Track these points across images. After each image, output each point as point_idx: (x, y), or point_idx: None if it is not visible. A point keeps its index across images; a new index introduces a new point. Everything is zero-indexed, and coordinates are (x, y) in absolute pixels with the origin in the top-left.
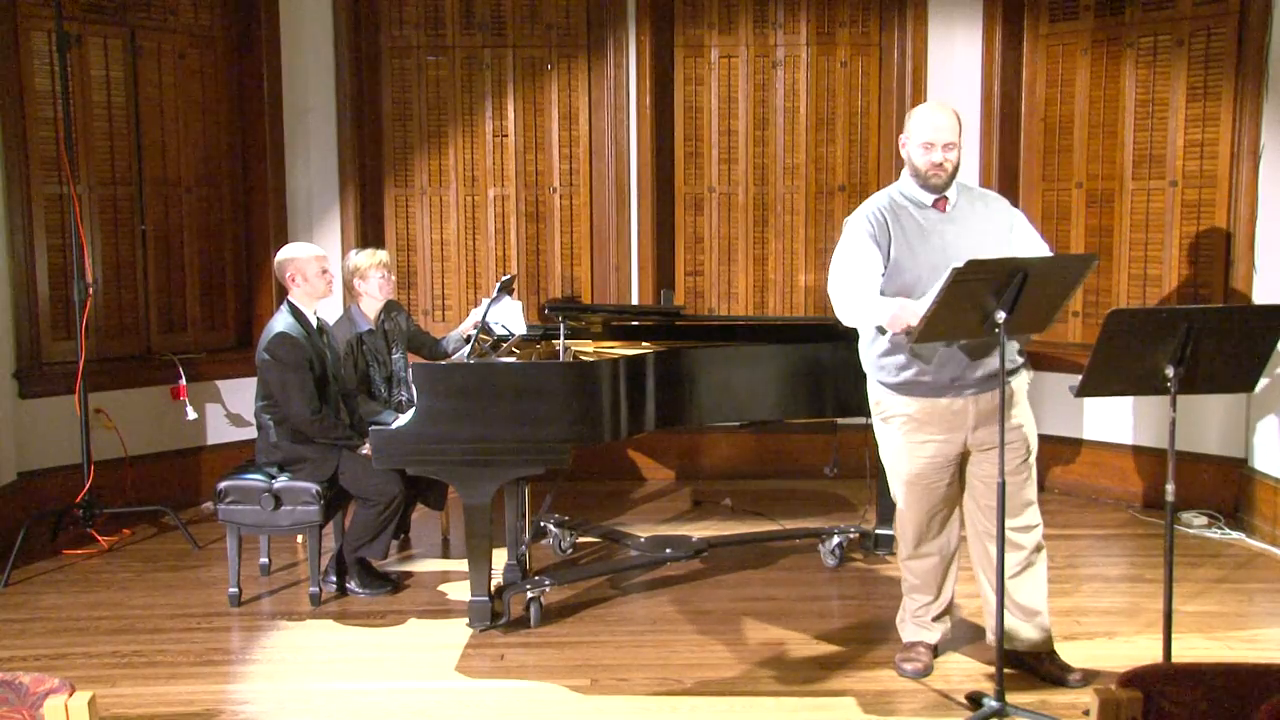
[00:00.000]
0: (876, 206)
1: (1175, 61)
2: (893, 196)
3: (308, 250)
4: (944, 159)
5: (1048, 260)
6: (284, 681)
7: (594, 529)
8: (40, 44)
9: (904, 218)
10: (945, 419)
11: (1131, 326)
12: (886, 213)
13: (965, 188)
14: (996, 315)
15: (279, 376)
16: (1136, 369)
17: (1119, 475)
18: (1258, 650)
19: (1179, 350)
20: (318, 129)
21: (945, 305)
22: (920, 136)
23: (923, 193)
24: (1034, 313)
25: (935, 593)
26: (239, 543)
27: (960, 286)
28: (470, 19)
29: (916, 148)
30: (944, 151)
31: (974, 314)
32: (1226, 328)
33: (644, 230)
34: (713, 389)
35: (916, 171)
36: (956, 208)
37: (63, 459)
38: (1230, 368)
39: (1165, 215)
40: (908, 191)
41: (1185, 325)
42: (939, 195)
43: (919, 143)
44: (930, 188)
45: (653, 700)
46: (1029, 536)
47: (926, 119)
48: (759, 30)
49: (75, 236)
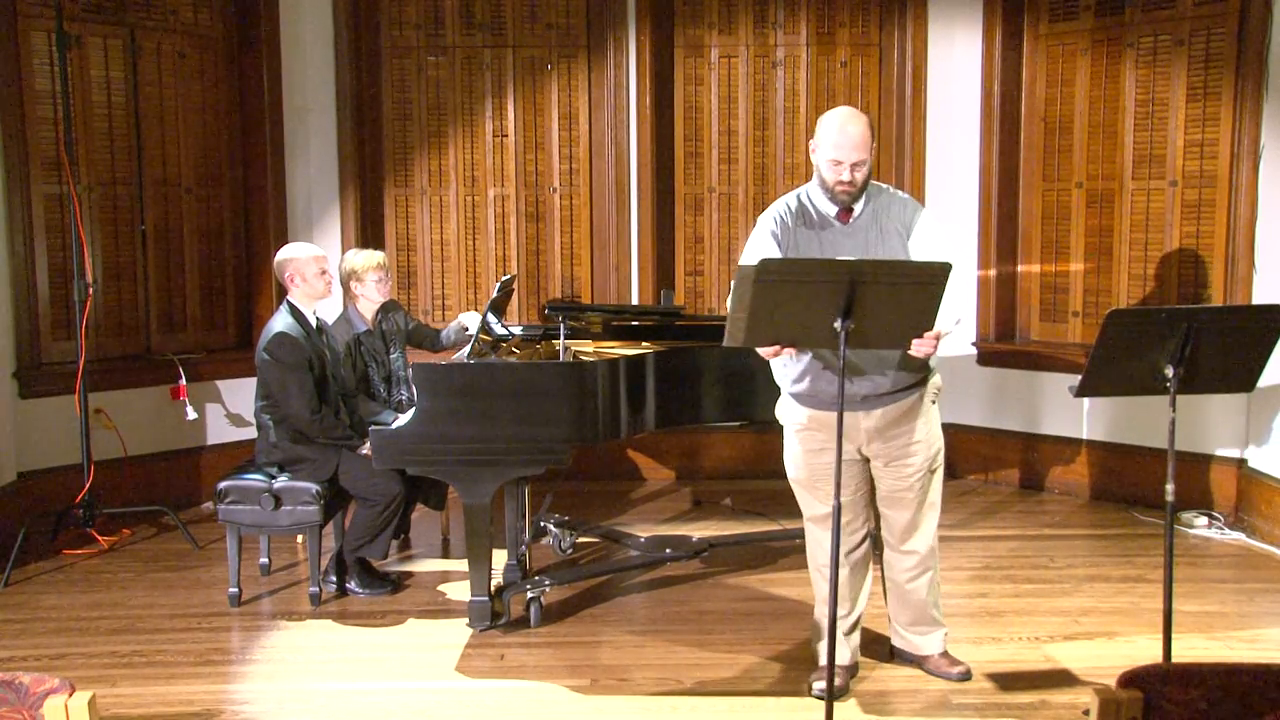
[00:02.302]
0: (785, 206)
1: (1175, 61)
2: (801, 200)
3: (307, 251)
4: (852, 178)
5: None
6: (284, 681)
7: (594, 529)
8: (40, 44)
9: (805, 225)
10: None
11: (1131, 327)
12: (789, 216)
13: (877, 192)
14: (834, 324)
15: (278, 376)
16: (1136, 369)
17: (1119, 475)
18: (1258, 650)
19: (1178, 350)
20: (318, 129)
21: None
22: (828, 152)
23: (829, 203)
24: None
25: (847, 605)
26: (239, 543)
27: (763, 288)
28: (470, 19)
29: (824, 161)
30: (852, 170)
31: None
32: (1226, 328)
33: (644, 230)
34: (713, 389)
35: (824, 184)
36: (859, 219)
37: (63, 459)
38: (1229, 368)
39: (1165, 215)
40: (815, 198)
41: (1185, 325)
42: (844, 208)
43: (827, 158)
44: (837, 202)
45: (653, 700)
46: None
47: (834, 135)
48: (759, 30)
49: (75, 236)
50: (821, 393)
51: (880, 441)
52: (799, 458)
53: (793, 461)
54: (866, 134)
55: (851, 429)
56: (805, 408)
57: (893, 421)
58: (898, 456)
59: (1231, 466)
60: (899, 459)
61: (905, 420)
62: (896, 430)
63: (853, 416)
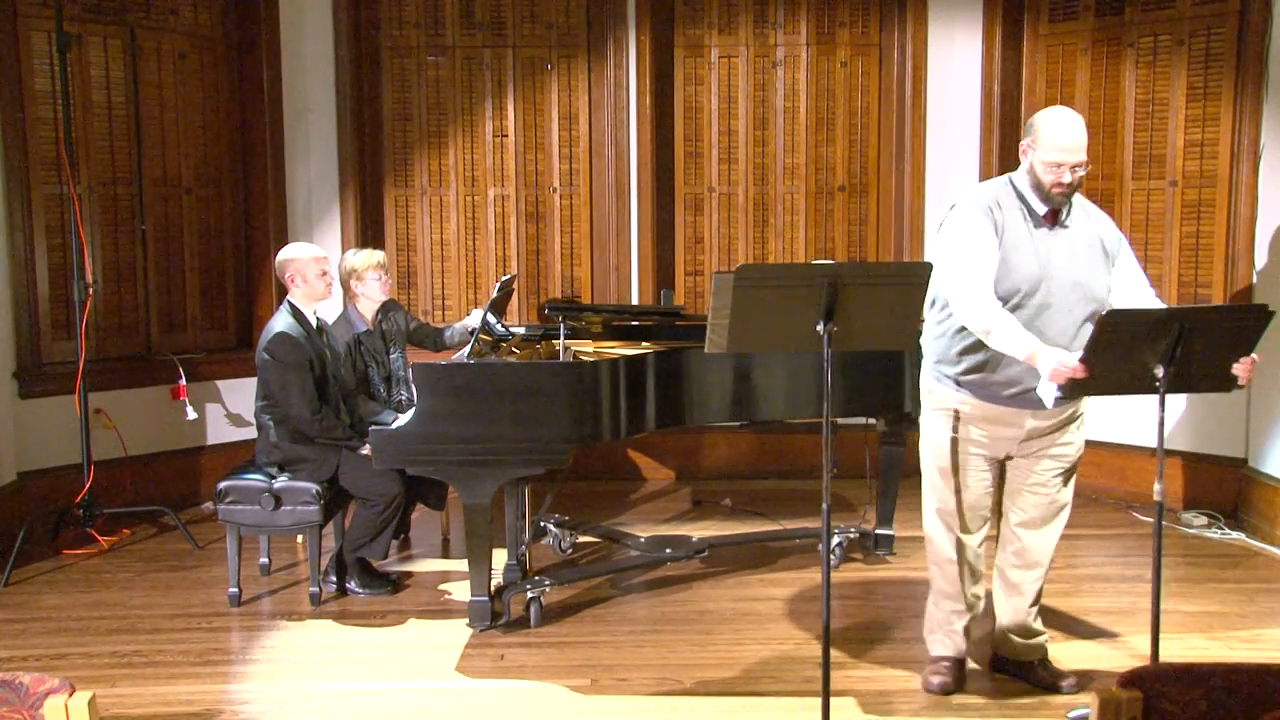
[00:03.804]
0: (995, 198)
1: (1175, 61)
2: (1007, 190)
3: (308, 251)
4: (1073, 179)
5: (864, 266)
6: (284, 681)
7: (594, 529)
8: (40, 44)
9: (1015, 219)
10: (998, 421)
11: (1126, 328)
12: (1001, 208)
13: (1079, 201)
14: (817, 327)
15: (279, 376)
16: (1126, 369)
17: (1119, 475)
18: (1258, 650)
19: (1169, 350)
20: (318, 129)
21: (741, 314)
22: (1050, 154)
23: (1039, 202)
24: (869, 325)
25: (963, 600)
26: (239, 543)
27: (744, 293)
28: (470, 19)
29: (1042, 163)
30: (1073, 172)
31: (794, 324)
32: (1217, 328)
33: (644, 230)
34: (713, 389)
35: (1039, 184)
36: (1068, 225)
37: (63, 459)
38: (1217, 368)
39: (1165, 215)
40: (1024, 193)
41: (1178, 326)
42: (1054, 209)
43: (1047, 161)
44: (1050, 204)
45: (653, 700)
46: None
47: (1060, 137)
48: (759, 30)
49: (75, 236)
50: (994, 384)
51: (1036, 440)
52: (946, 445)
53: (938, 447)
54: (1085, 135)
55: (1015, 425)
56: (971, 394)
57: (1051, 426)
58: (1059, 453)
59: (1232, 466)
60: (1058, 455)
61: (1068, 424)
62: (1056, 431)
63: (1020, 413)
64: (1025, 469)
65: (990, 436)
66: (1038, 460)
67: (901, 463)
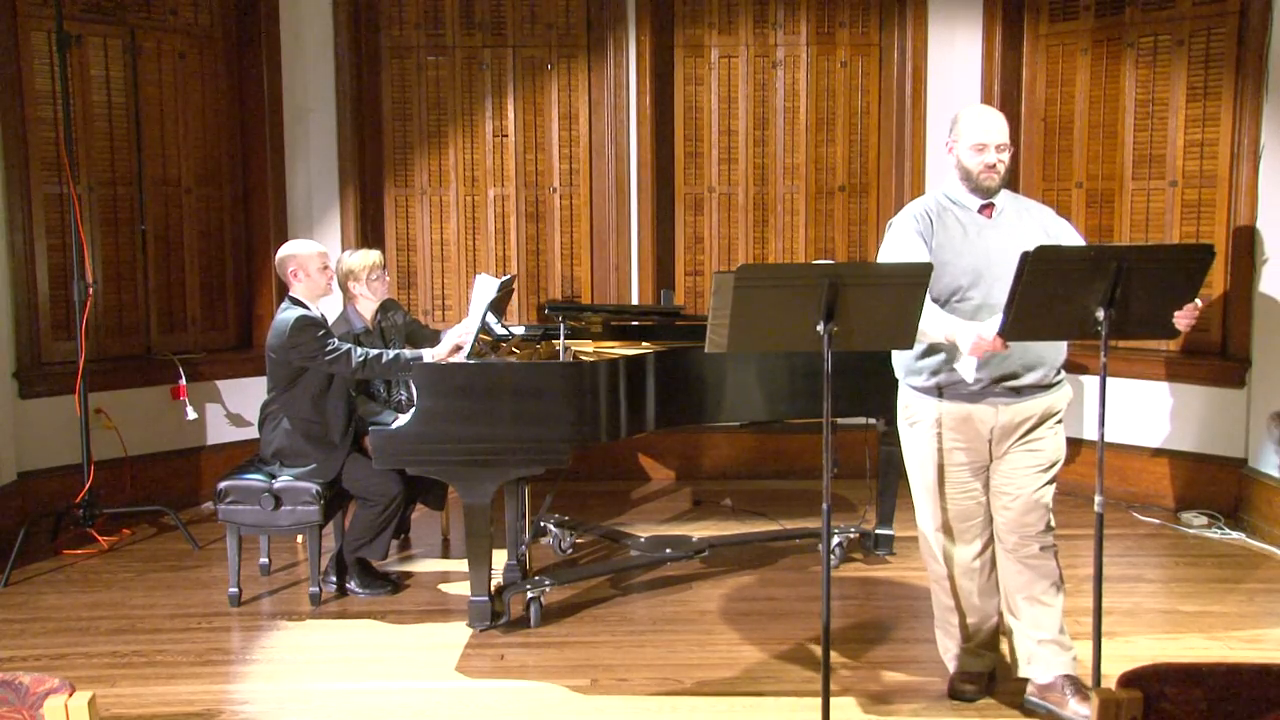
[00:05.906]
0: (922, 207)
1: (1175, 61)
2: (938, 199)
3: (310, 247)
4: (997, 160)
5: (864, 266)
6: (284, 681)
7: (594, 529)
8: (40, 44)
9: (948, 219)
10: (970, 420)
11: (1057, 265)
12: (931, 213)
13: (1014, 197)
14: (817, 327)
15: (316, 349)
16: (1065, 312)
17: (1119, 475)
18: (1258, 650)
19: (1109, 292)
20: (318, 129)
21: (741, 315)
22: (972, 138)
23: (970, 196)
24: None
25: (974, 614)
26: (239, 543)
27: (744, 294)
28: (470, 19)
29: (967, 150)
30: (997, 152)
31: (794, 324)
32: (1158, 268)
33: (644, 230)
34: (713, 389)
35: (967, 174)
36: (1003, 215)
37: (63, 459)
38: (1159, 311)
39: (1165, 215)
40: (954, 195)
41: (1115, 265)
42: (987, 201)
43: (970, 144)
44: (981, 191)
45: (653, 700)
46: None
47: (978, 120)
48: (759, 30)
49: (75, 236)
50: (957, 382)
51: (1009, 438)
52: (929, 458)
53: (921, 464)
54: (1005, 122)
55: (986, 422)
56: (942, 400)
57: (1023, 420)
58: (1035, 448)
59: (1231, 466)
60: (1034, 450)
61: (1046, 418)
62: (1030, 428)
63: (990, 409)
64: (1005, 474)
65: (967, 440)
66: (1013, 455)
67: (901, 462)
